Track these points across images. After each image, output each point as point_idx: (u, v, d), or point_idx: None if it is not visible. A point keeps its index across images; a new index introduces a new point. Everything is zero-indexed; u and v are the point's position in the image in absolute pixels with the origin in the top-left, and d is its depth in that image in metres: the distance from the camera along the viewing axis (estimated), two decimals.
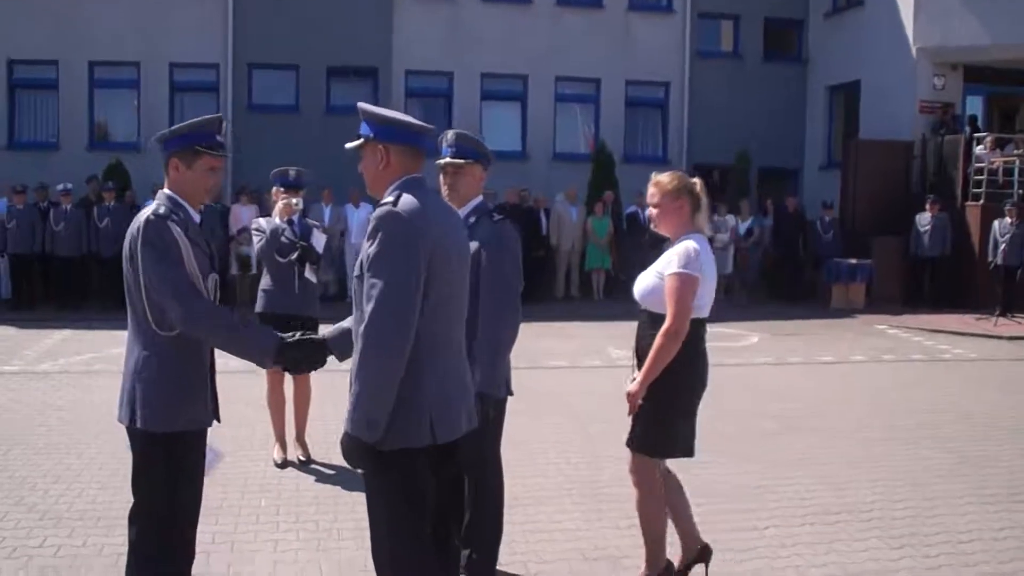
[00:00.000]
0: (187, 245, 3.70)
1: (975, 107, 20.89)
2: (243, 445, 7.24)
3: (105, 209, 15.73)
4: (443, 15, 20.84)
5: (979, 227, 17.45)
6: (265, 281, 7.00)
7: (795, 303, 17.89)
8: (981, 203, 17.72)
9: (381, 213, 3.21)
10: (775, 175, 22.48)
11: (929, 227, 17.54)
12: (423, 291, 3.17)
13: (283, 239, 6.83)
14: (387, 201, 3.24)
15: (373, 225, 3.20)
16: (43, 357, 11.43)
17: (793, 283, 18.84)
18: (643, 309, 4.54)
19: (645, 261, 4.72)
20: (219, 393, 3.93)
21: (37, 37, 19.11)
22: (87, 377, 10.09)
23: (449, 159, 4.45)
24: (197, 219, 3.88)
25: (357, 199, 16.81)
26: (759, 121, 21.94)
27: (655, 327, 4.37)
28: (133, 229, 3.70)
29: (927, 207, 17.62)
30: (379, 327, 3.11)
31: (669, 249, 4.50)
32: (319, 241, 7.00)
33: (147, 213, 3.73)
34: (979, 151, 18.21)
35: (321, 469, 6.79)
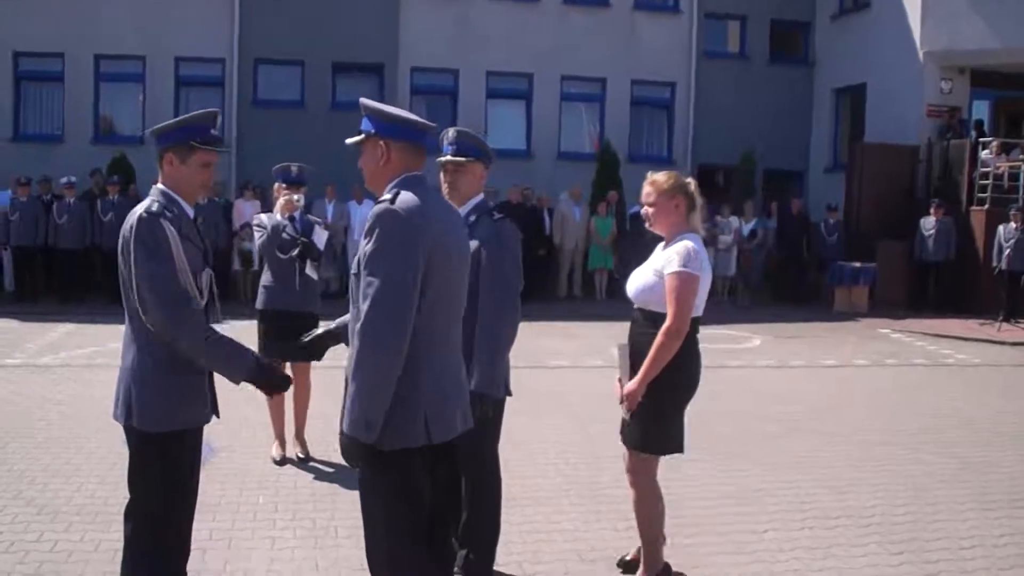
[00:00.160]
0: (178, 242, 3.68)
1: (982, 111, 20.84)
2: (242, 442, 7.22)
3: (109, 203, 15.74)
4: (450, 12, 20.82)
5: (984, 232, 17.39)
6: (266, 277, 6.98)
7: (798, 306, 17.87)
8: (986, 208, 17.68)
9: (378, 211, 3.19)
10: (780, 177, 22.44)
11: (934, 231, 17.49)
12: (420, 289, 3.16)
13: (284, 235, 6.81)
14: (385, 199, 3.23)
15: (370, 223, 3.18)
16: (45, 350, 11.42)
17: (796, 285, 18.82)
18: (638, 307, 4.56)
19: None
20: (218, 387, 3.91)
21: (42, 30, 19.10)
22: (88, 371, 10.07)
23: (450, 157, 4.43)
24: (192, 214, 3.86)
25: (361, 195, 16.81)
26: (765, 122, 21.92)
27: (652, 325, 4.40)
28: (127, 226, 3.69)
29: (932, 211, 17.57)
30: (375, 326, 3.09)
31: (667, 248, 4.51)
32: (320, 238, 6.98)
33: (140, 210, 3.71)
34: (985, 155, 18.16)
35: (319, 467, 6.77)
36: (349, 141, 3.48)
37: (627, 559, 4.98)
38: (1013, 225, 15.77)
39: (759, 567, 5.08)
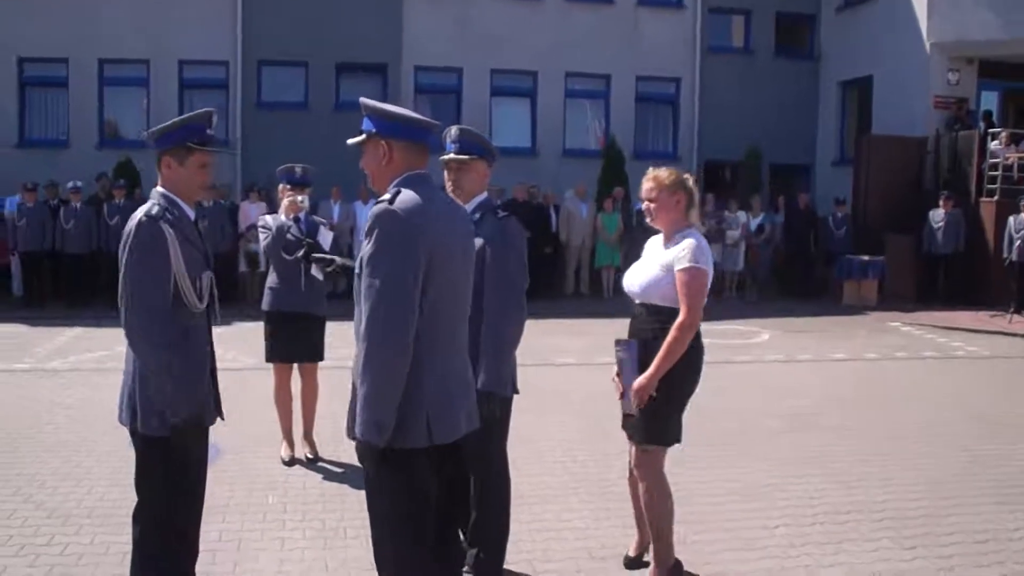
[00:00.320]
0: (177, 245, 3.67)
1: (990, 102, 20.76)
2: (250, 442, 7.20)
3: (115, 207, 15.74)
4: (452, 11, 20.78)
5: (993, 223, 17.33)
6: (271, 279, 6.97)
7: (806, 300, 17.82)
8: (995, 199, 17.59)
9: (377, 211, 3.16)
10: (787, 171, 22.39)
11: (943, 223, 17.43)
12: (422, 288, 3.13)
13: (289, 236, 6.80)
14: (384, 199, 3.20)
15: (369, 224, 3.16)
16: (53, 355, 11.43)
17: (804, 280, 18.76)
18: (642, 303, 4.57)
19: None
20: (226, 388, 3.91)
21: (47, 35, 19.10)
22: (97, 375, 10.07)
23: (453, 155, 4.41)
24: (192, 216, 3.86)
25: (367, 196, 16.78)
26: (770, 117, 21.87)
27: (657, 320, 4.44)
28: (127, 229, 3.69)
29: (941, 203, 17.51)
30: (378, 327, 3.07)
31: (670, 244, 4.53)
32: (326, 238, 6.96)
33: (140, 213, 3.71)
34: (994, 147, 18.08)
35: (328, 467, 6.76)
36: (351, 141, 3.45)
37: (630, 555, 4.97)
38: (1023, 216, 15.68)
39: (770, 563, 5.05)
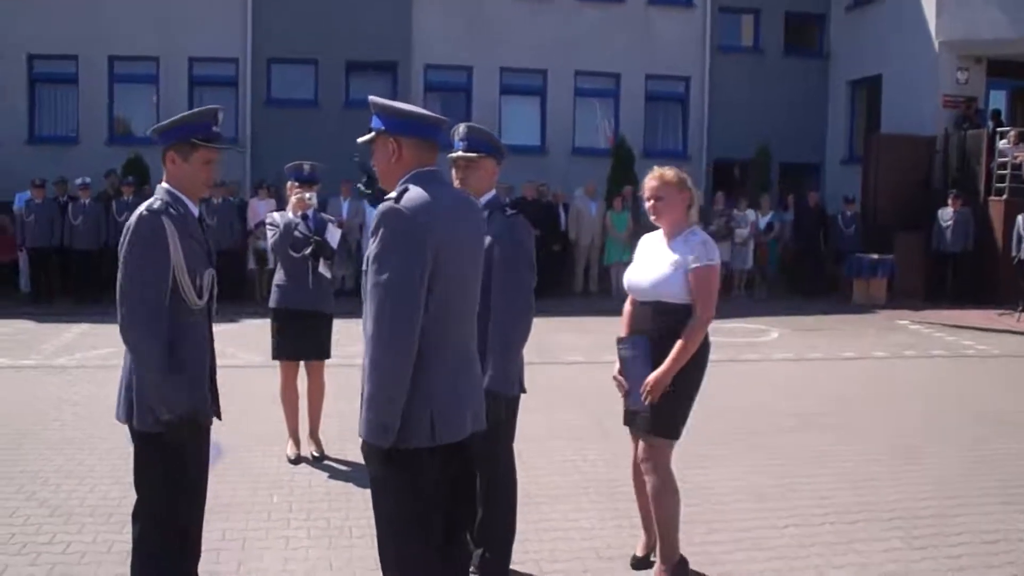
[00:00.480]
0: (177, 240, 3.65)
1: (999, 101, 20.67)
2: (256, 440, 7.17)
3: (123, 203, 15.74)
4: (462, 9, 20.75)
5: (1002, 222, 17.24)
6: (279, 276, 6.93)
7: (816, 298, 17.77)
8: (1004, 198, 17.50)
9: (383, 209, 3.13)
10: (796, 170, 22.31)
11: (951, 222, 17.36)
12: (428, 287, 3.10)
13: (297, 234, 6.77)
14: (390, 196, 3.17)
15: (375, 222, 3.13)
16: (60, 351, 11.43)
17: (814, 278, 18.70)
18: (648, 300, 4.59)
19: None
20: (233, 386, 3.89)
21: (57, 32, 19.12)
22: (103, 372, 10.05)
23: (461, 153, 4.38)
24: (197, 212, 3.84)
25: None
26: (780, 116, 21.80)
27: (668, 317, 4.48)
28: (128, 224, 3.68)
29: (949, 202, 17.44)
30: (383, 326, 3.04)
31: (675, 241, 4.57)
32: (334, 236, 6.93)
33: (142, 208, 3.70)
34: (1002, 145, 17.97)
35: (334, 465, 6.72)
36: (360, 140, 3.43)
37: (637, 556, 4.95)
38: None
39: (779, 564, 5.01)
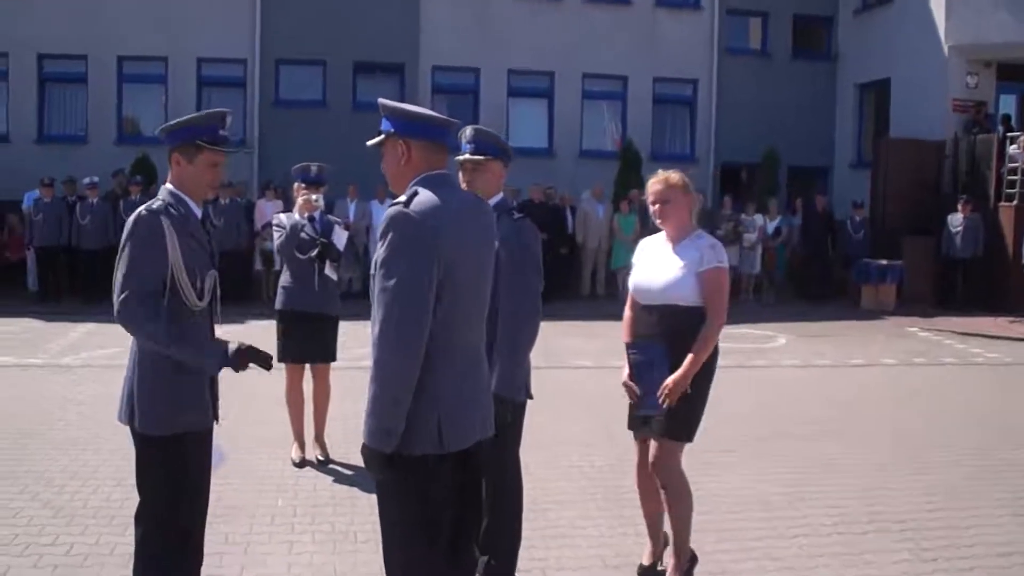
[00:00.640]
0: (176, 240, 3.62)
1: (1008, 106, 20.59)
2: (261, 443, 7.14)
3: (131, 203, 15.68)
4: (470, 11, 20.73)
5: (1013, 228, 17.16)
6: (285, 278, 6.90)
7: (824, 303, 17.69)
8: (1015, 204, 17.39)
9: (391, 213, 3.08)
10: (804, 174, 22.23)
11: (961, 228, 17.28)
12: (436, 292, 3.05)
13: (303, 235, 6.73)
14: (399, 200, 3.12)
15: (383, 226, 3.08)
16: (67, 350, 11.42)
17: (822, 283, 18.64)
18: (657, 304, 4.57)
19: None
20: (238, 388, 3.87)
21: (66, 32, 19.14)
22: (110, 371, 9.99)
23: (468, 156, 4.34)
24: (200, 214, 3.81)
25: (384, 195, 16.71)
26: (788, 119, 21.71)
27: (678, 321, 4.48)
28: (127, 223, 3.66)
29: (959, 207, 17.36)
30: (390, 332, 2.99)
31: (683, 244, 4.58)
32: (340, 238, 6.88)
33: (142, 208, 3.68)
34: (1012, 151, 17.86)
35: (339, 469, 6.68)
36: (370, 143, 3.38)
37: (644, 564, 4.89)
38: None
39: (789, 575, 4.95)
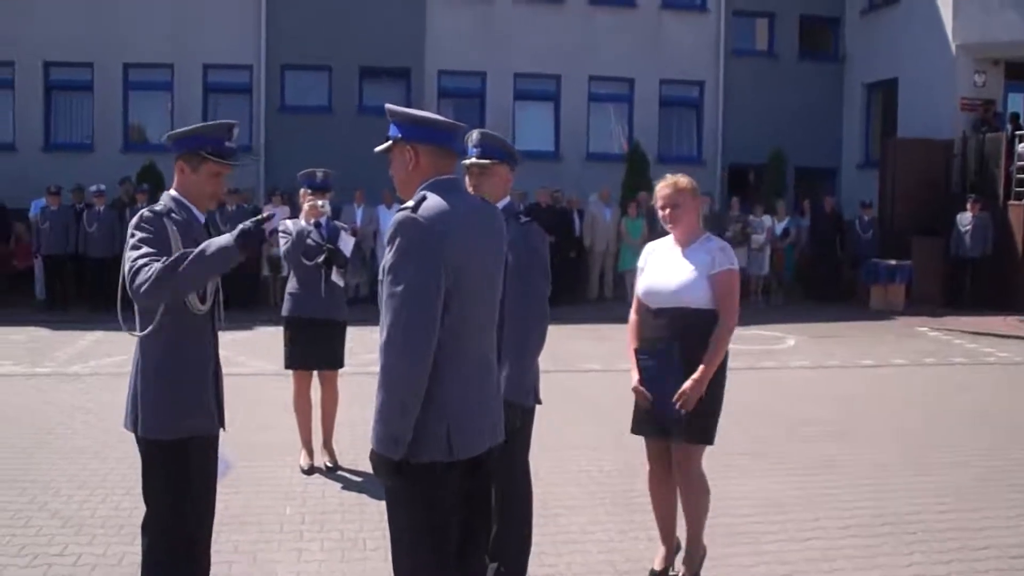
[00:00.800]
0: (179, 241, 3.63)
1: (1017, 104, 20.39)
2: (269, 450, 7.12)
3: (138, 211, 15.70)
4: (475, 15, 20.74)
5: (1022, 226, 17.08)
6: (291, 284, 6.88)
7: (833, 304, 17.63)
8: None
9: (399, 219, 3.05)
10: (812, 174, 22.17)
11: (970, 227, 17.21)
12: (446, 297, 3.02)
13: (309, 242, 6.70)
14: (407, 206, 3.09)
15: (391, 231, 3.05)
16: (75, 359, 11.41)
17: (830, 284, 18.58)
18: (669, 307, 4.57)
19: None
20: (246, 395, 3.87)
21: (72, 39, 19.18)
22: (117, 379, 9.93)
23: (474, 159, 4.32)
24: (203, 220, 3.81)
25: (391, 200, 16.71)
26: (795, 120, 21.66)
27: (690, 324, 4.48)
28: (131, 222, 3.67)
29: (968, 206, 17.30)
30: (398, 338, 2.96)
31: (693, 247, 4.59)
32: (347, 244, 6.85)
33: (145, 209, 3.71)
34: (1021, 149, 17.76)
35: (348, 476, 6.65)
36: (377, 149, 3.35)
37: (655, 570, 4.85)
38: None
39: None
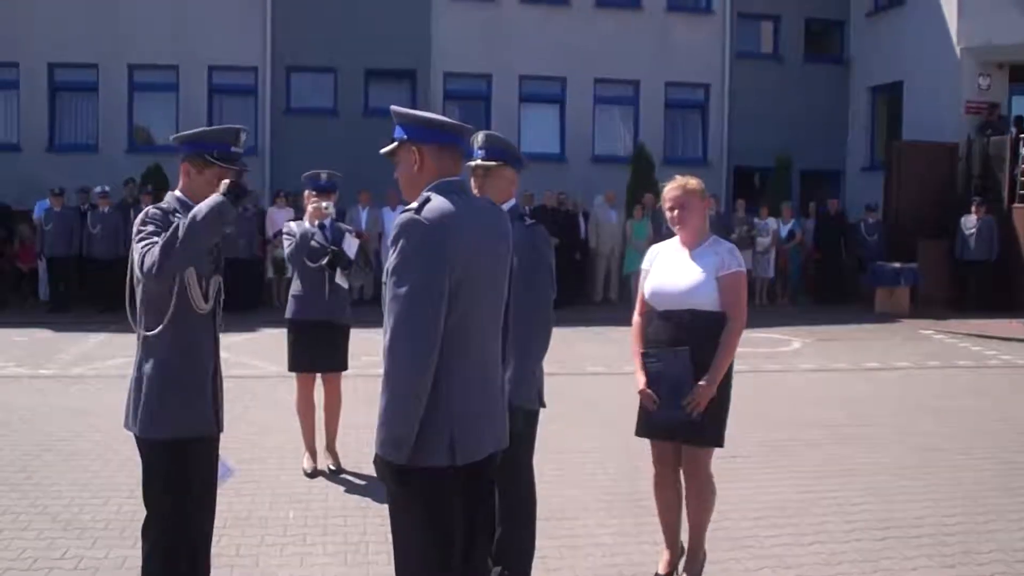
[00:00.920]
0: None
1: (1022, 107, 20.44)
2: (272, 453, 7.12)
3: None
4: (481, 17, 20.73)
5: None
6: (295, 286, 6.86)
7: (838, 307, 17.59)
8: None
9: (402, 220, 3.03)
10: (817, 177, 22.17)
11: (975, 230, 17.18)
12: (450, 299, 3.00)
13: (313, 244, 6.68)
14: (411, 207, 3.07)
15: (394, 233, 3.03)
16: (78, 360, 11.41)
17: (836, 287, 18.55)
18: (677, 309, 4.55)
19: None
20: (249, 397, 3.87)
21: (77, 41, 19.20)
22: (121, 381, 9.84)
23: (480, 161, 4.31)
24: None
25: (396, 201, 16.69)
26: (800, 123, 21.65)
27: (701, 324, 4.47)
28: (137, 219, 3.68)
29: (973, 209, 17.28)
30: (401, 340, 2.94)
31: (701, 249, 4.59)
32: (351, 246, 6.84)
33: (150, 206, 3.72)
34: None
35: (351, 479, 6.63)
36: (383, 151, 3.33)
37: (660, 574, 4.83)
38: None
39: None
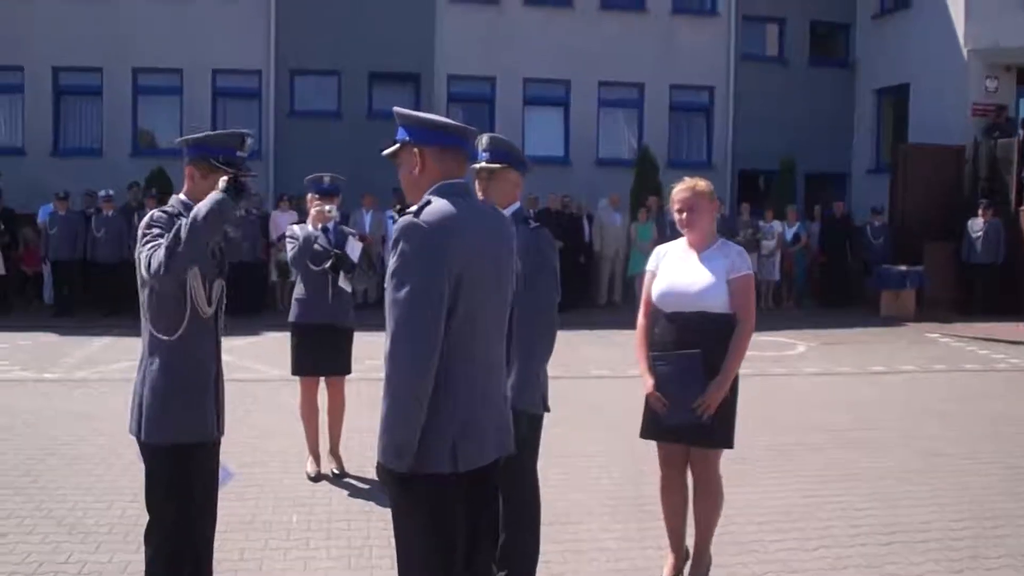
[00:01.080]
0: None
1: None
2: (275, 457, 7.10)
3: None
4: (485, 20, 20.73)
5: None
6: (298, 290, 6.85)
7: (843, 310, 17.55)
8: None
9: (402, 223, 3.00)
10: (822, 180, 22.13)
11: (982, 233, 17.12)
12: (451, 304, 2.97)
13: (316, 247, 6.67)
14: (411, 210, 3.04)
15: (395, 236, 3.01)
16: (82, 364, 11.40)
17: (841, 290, 18.51)
18: (687, 310, 4.53)
19: None
20: (253, 400, 3.87)
21: (81, 44, 19.22)
22: (125, 385, 9.85)
23: (484, 164, 4.29)
24: None
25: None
26: (805, 125, 21.61)
27: (711, 326, 4.45)
28: (142, 223, 3.68)
29: (980, 212, 17.22)
30: (401, 344, 2.92)
31: (710, 251, 4.57)
32: (354, 249, 6.82)
33: (155, 210, 3.73)
34: None
35: (355, 483, 6.62)
36: (385, 152, 3.30)
37: None
38: None
39: None
